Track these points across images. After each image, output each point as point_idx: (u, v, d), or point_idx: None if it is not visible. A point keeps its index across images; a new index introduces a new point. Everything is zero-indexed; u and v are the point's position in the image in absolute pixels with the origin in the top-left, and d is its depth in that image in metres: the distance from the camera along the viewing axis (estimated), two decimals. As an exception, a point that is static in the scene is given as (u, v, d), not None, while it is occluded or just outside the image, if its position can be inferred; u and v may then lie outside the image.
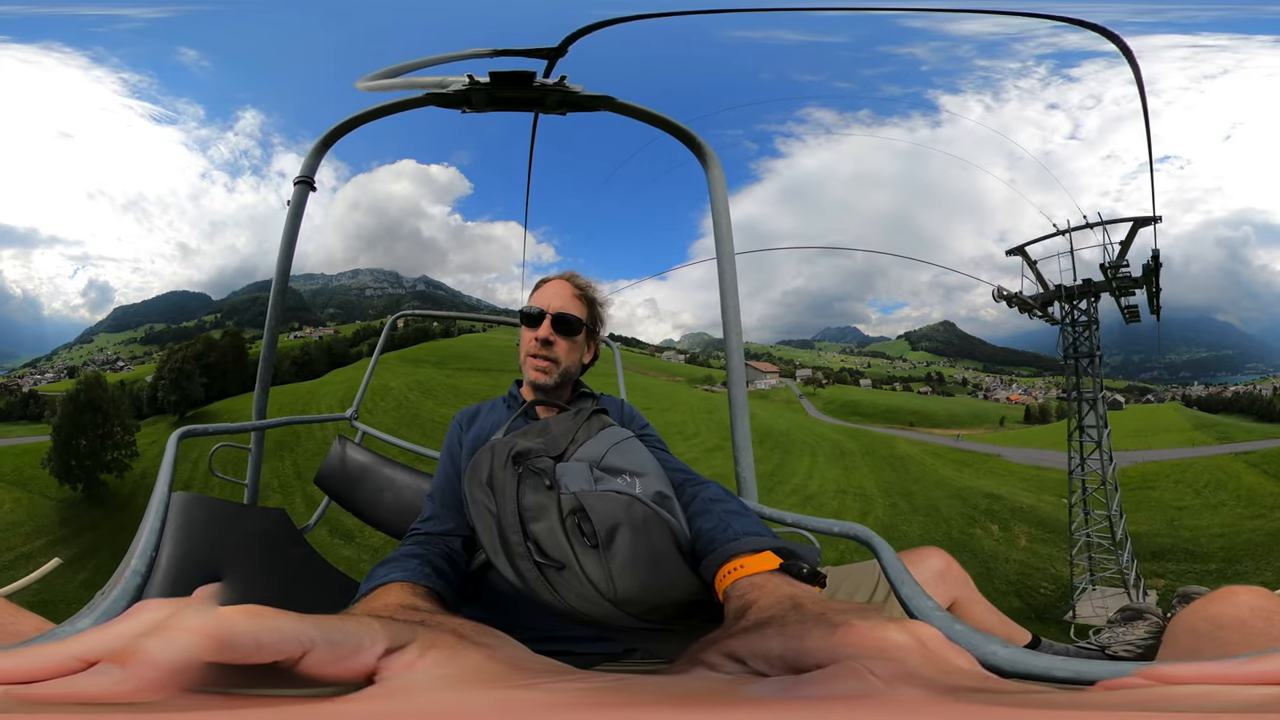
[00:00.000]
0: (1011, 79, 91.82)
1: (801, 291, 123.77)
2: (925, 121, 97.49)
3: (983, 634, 0.80)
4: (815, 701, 0.44)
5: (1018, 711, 0.39)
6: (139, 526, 1.22)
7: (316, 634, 0.48)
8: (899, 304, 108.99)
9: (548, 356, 1.51)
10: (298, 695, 0.47)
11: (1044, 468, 32.55)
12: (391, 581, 0.98)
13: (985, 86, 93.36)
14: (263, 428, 2.94)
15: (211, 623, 0.43)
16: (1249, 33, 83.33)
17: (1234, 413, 43.68)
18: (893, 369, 71.77)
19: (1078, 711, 0.39)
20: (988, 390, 59.88)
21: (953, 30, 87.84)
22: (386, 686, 0.50)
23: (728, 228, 2.42)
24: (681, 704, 0.45)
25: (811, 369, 67.69)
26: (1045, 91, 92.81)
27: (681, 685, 0.58)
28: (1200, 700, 0.40)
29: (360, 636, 0.52)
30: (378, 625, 0.55)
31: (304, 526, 2.99)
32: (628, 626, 0.95)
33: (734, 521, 1.03)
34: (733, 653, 0.62)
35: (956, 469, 34.56)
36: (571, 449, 1.18)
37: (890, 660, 0.49)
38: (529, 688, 0.50)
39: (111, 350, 53.08)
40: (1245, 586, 1.26)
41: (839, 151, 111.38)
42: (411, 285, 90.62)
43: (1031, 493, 29.81)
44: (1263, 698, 0.39)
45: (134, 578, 0.99)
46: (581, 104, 2.33)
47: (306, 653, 0.47)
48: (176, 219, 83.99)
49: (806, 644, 0.57)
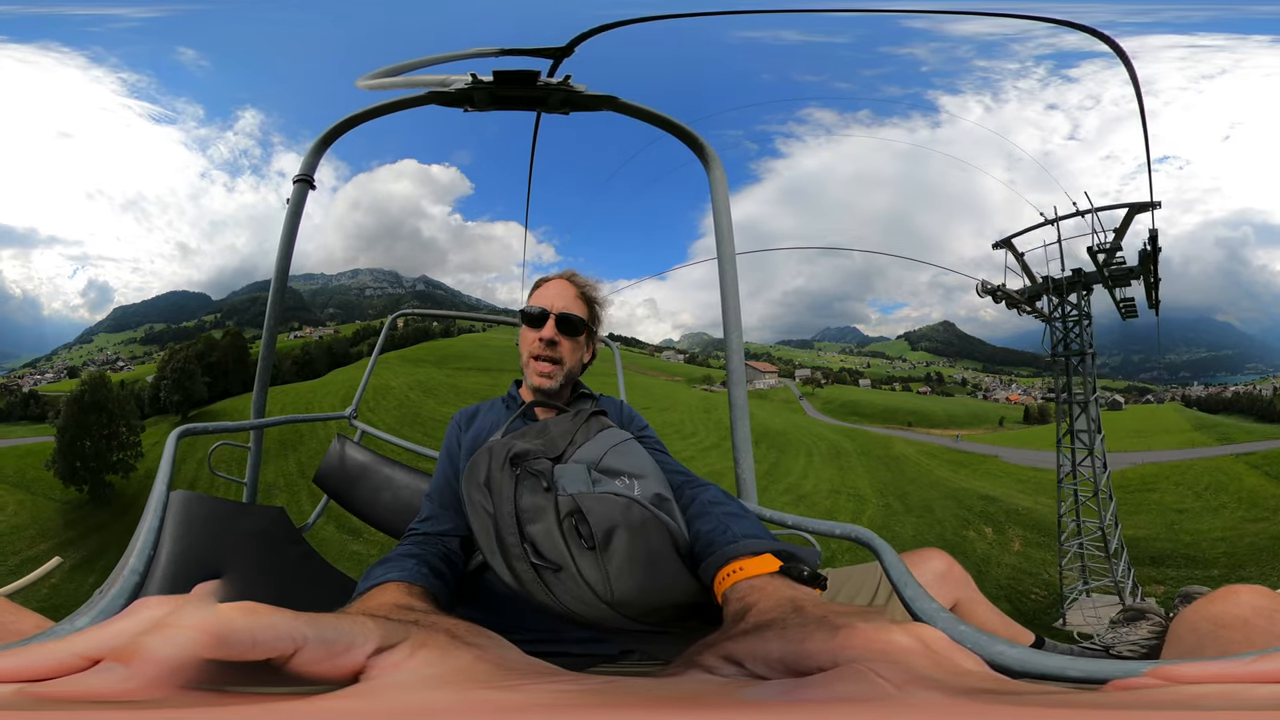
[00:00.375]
0: (1011, 80, 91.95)
1: (801, 291, 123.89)
2: (925, 122, 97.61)
3: (988, 635, 0.79)
4: (818, 704, 0.43)
5: (1033, 711, 0.39)
6: (138, 524, 1.22)
7: (310, 631, 0.49)
8: (899, 304, 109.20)
9: (552, 358, 1.51)
10: (287, 693, 0.47)
11: (1042, 469, 31.70)
12: (388, 581, 0.98)
13: (985, 87, 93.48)
14: (261, 427, 2.95)
15: (210, 620, 0.43)
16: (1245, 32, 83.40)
17: (1234, 413, 43.53)
18: (892, 369, 71.89)
19: (1092, 710, 0.39)
20: (987, 390, 59.95)
21: (952, 31, 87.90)
22: (370, 685, 0.50)
23: (729, 228, 2.41)
24: (672, 706, 0.45)
25: (811, 369, 67.80)
26: (1044, 92, 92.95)
27: (674, 687, 0.57)
28: (1213, 699, 0.40)
29: (353, 635, 0.52)
30: (371, 624, 0.55)
31: (303, 525, 3.00)
32: (625, 629, 0.95)
33: (733, 524, 1.03)
34: (731, 655, 0.62)
35: (953, 470, 34.18)
36: (570, 450, 1.17)
37: (896, 663, 0.49)
38: (513, 689, 0.50)
39: (111, 350, 53.12)
40: (1246, 586, 1.27)
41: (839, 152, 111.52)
42: (411, 285, 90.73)
43: (1029, 495, 29.25)
44: (1273, 695, 0.39)
45: (132, 576, 0.99)
46: (584, 104, 2.32)
47: (299, 650, 0.47)
48: (176, 219, 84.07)
49: (808, 646, 0.56)
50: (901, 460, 35.33)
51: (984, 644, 0.78)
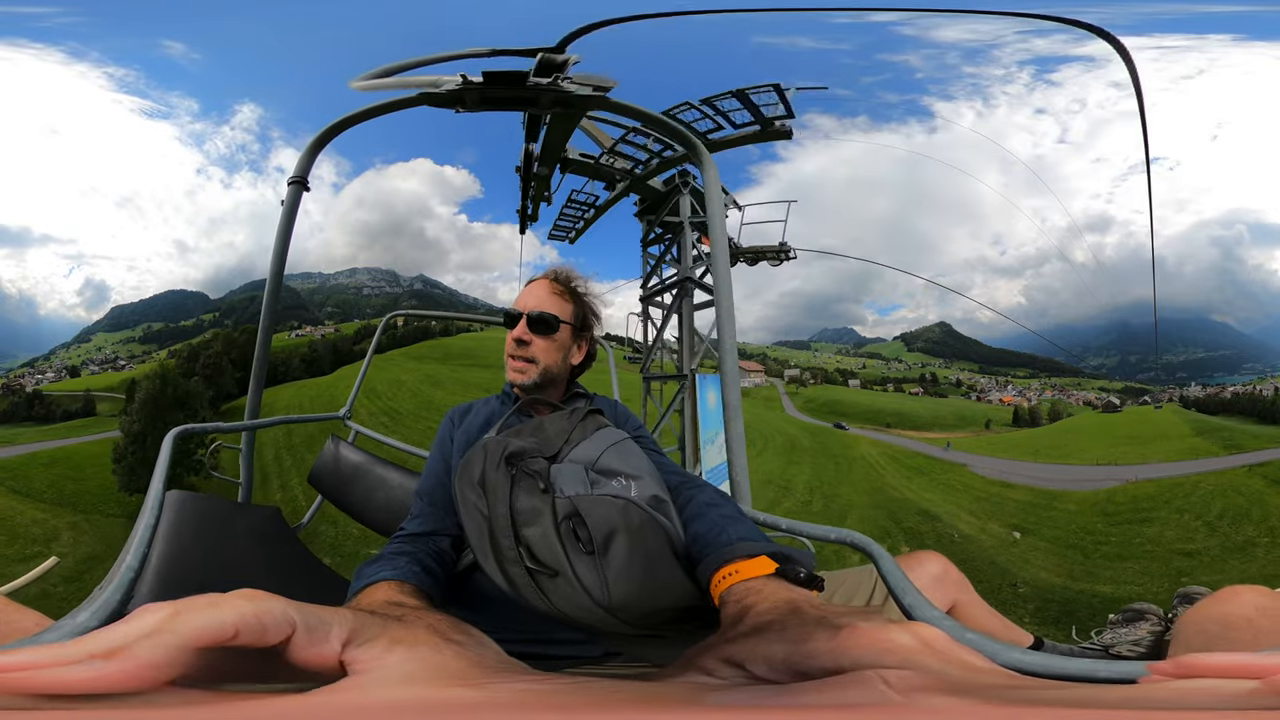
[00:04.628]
0: (998, 85, 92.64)
1: (798, 293, 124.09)
2: (921, 128, 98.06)
3: (1003, 643, 0.79)
4: (825, 710, 0.43)
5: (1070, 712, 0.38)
6: (134, 523, 1.23)
7: (298, 617, 0.52)
8: (895, 306, 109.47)
9: (524, 356, 1.49)
10: (262, 691, 0.48)
11: (1011, 483, 28.71)
12: (381, 579, 0.97)
13: (975, 93, 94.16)
14: (255, 427, 2.96)
15: (216, 612, 0.46)
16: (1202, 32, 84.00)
17: (1234, 414, 40.73)
18: (887, 370, 71.95)
19: (1126, 712, 0.38)
20: (981, 391, 59.94)
21: (938, 37, 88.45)
22: (343, 682, 0.51)
23: (722, 226, 2.41)
24: (656, 707, 0.45)
25: (801, 369, 67.95)
26: (1031, 96, 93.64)
27: (663, 689, 0.57)
28: (1241, 695, 0.40)
29: (330, 624, 0.54)
30: (348, 615, 0.57)
31: (297, 525, 2.99)
32: (620, 633, 0.93)
33: (729, 526, 1.01)
34: (731, 657, 0.61)
35: (906, 477, 31.03)
36: (566, 450, 1.15)
37: (904, 664, 0.49)
38: (480, 687, 0.52)
39: (110, 349, 52.98)
40: (1248, 586, 1.29)
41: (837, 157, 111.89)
42: (409, 284, 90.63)
43: (977, 519, 24.71)
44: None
45: (128, 572, 1.00)
46: (576, 103, 2.31)
47: (293, 634, 0.50)
48: (172, 216, 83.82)
49: (811, 647, 0.56)
50: (857, 461, 33.26)
51: (998, 650, 0.77)
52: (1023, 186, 77.96)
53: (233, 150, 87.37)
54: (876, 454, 35.01)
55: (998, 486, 28.63)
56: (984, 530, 23.02)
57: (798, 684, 0.51)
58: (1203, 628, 1.28)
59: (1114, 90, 76.11)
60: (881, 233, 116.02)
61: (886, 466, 32.82)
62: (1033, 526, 23.51)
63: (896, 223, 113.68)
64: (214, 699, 0.43)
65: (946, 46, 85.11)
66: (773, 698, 0.50)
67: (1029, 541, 22.13)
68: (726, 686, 0.58)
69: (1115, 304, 75.78)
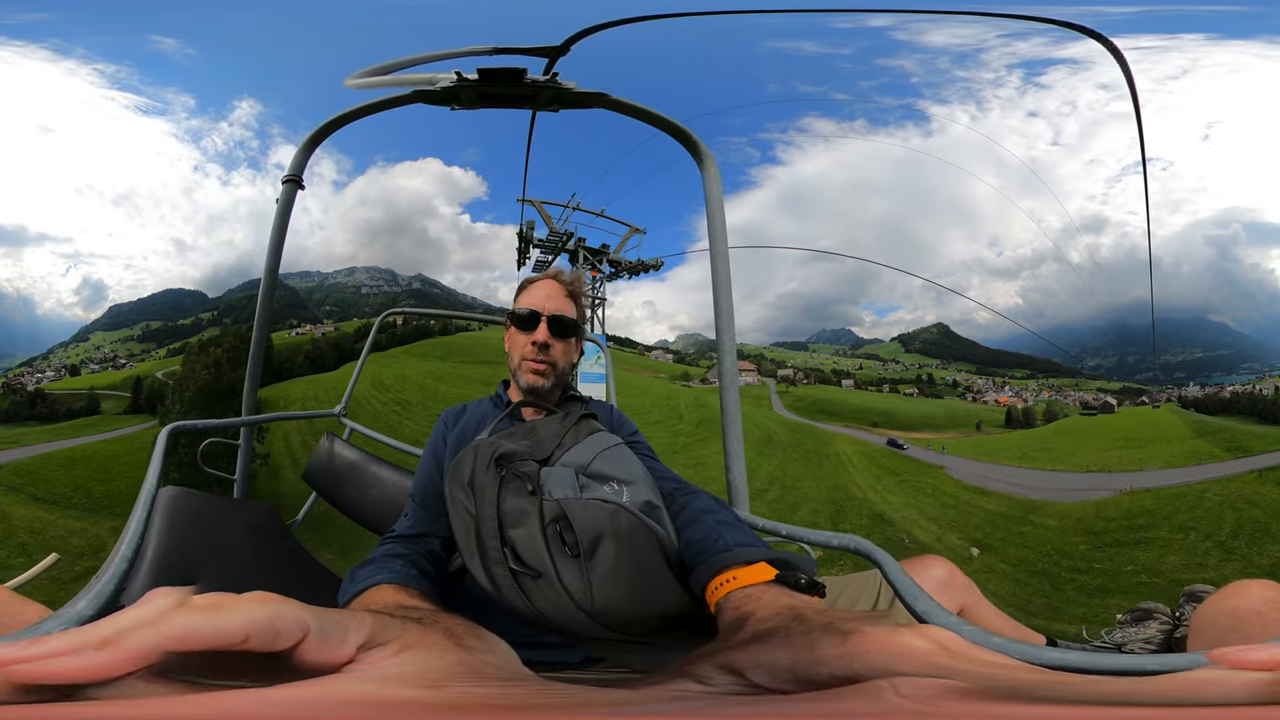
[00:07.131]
0: (990, 88, 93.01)
1: (796, 294, 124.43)
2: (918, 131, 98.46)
3: (1032, 644, 0.78)
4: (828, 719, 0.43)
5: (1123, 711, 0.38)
6: (128, 519, 1.25)
7: (314, 622, 0.50)
8: (893, 307, 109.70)
9: (546, 360, 1.49)
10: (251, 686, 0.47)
11: (987, 490, 25.96)
12: (380, 582, 0.97)
13: (968, 97, 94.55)
14: (250, 424, 2.96)
15: (224, 616, 0.45)
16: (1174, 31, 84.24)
17: (1234, 414, 40.27)
18: (884, 371, 71.99)
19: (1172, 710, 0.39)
20: (978, 392, 59.85)
21: (927, 42, 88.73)
22: (332, 677, 0.50)
23: (722, 226, 2.39)
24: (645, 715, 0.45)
25: (794, 369, 68.14)
26: (1023, 99, 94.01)
27: (648, 696, 0.56)
28: None
29: (348, 628, 0.53)
30: (368, 619, 0.56)
31: (291, 522, 2.99)
32: (604, 638, 0.92)
33: (726, 532, 1.00)
34: (731, 665, 0.59)
35: (875, 477, 29.05)
36: (558, 453, 1.15)
37: (922, 668, 0.48)
38: (461, 691, 0.50)
39: (109, 348, 52.85)
40: (1256, 580, 1.31)
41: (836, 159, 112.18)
42: (407, 283, 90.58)
43: (937, 527, 22.29)
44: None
45: (122, 563, 1.02)
46: (575, 101, 2.29)
47: (305, 638, 0.49)
48: (169, 213, 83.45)
49: (819, 653, 0.54)
50: (828, 458, 31.68)
51: (1029, 651, 0.76)
52: (1018, 189, 78.89)
53: (231, 147, 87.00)
54: (852, 452, 33.67)
55: (971, 493, 25.90)
56: (940, 540, 20.55)
57: (800, 694, 0.50)
58: (1215, 621, 1.31)
59: (1103, 92, 76.78)
60: (879, 235, 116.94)
61: (858, 464, 31.30)
62: (997, 544, 20.48)
63: (894, 225, 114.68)
64: (195, 691, 0.42)
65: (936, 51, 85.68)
66: (773, 705, 0.49)
67: (987, 561, 19.22)
68: (718, 695, 0.57)
69: (1113, 304, 75.97)
